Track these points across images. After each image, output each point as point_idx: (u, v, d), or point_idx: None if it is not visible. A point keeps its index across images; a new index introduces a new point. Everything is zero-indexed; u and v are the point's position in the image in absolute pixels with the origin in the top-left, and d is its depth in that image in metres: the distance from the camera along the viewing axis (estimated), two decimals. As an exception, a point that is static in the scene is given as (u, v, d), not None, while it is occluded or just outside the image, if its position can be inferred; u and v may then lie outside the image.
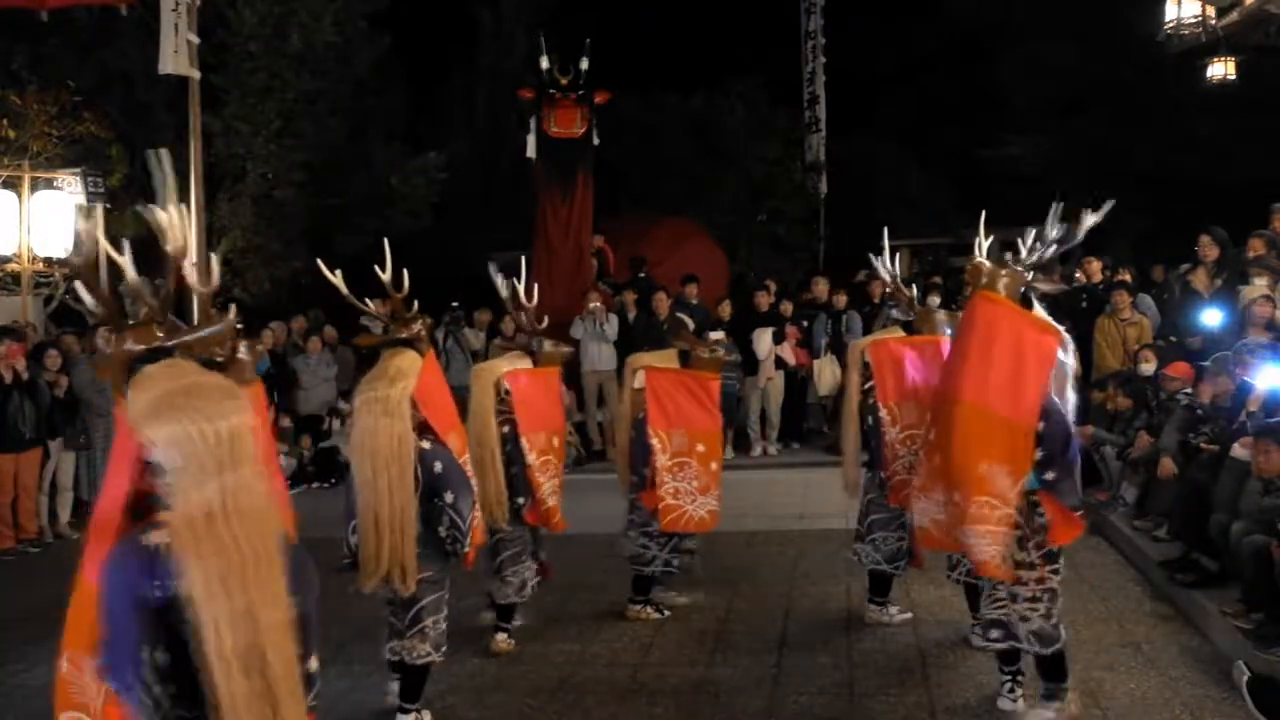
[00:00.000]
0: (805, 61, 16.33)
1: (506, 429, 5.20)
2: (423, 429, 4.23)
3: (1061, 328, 4.07)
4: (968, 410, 3.94)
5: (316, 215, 12.91)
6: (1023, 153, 16.51)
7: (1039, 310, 4.11)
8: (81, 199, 10.70)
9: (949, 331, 4.98)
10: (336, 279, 4.61)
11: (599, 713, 4.56)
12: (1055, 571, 4.03)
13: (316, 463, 9.80)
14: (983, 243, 4.51)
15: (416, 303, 4.63)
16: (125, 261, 2.56)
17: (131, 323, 2.50)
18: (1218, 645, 4.97)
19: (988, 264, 4.15)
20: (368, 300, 4.78)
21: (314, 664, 2.10)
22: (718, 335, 9.40)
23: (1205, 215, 8.97)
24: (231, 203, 12.13)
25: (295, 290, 12.28)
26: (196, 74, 8.63)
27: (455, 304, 10.25)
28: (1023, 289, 4.11)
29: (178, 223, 2.49)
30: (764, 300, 10.03)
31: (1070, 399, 4.05)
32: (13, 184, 10.42)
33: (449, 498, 4.15)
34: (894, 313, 6.20)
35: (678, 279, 10.30)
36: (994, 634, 4.10)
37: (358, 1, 13.00)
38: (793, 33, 16.52)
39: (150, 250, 2.70)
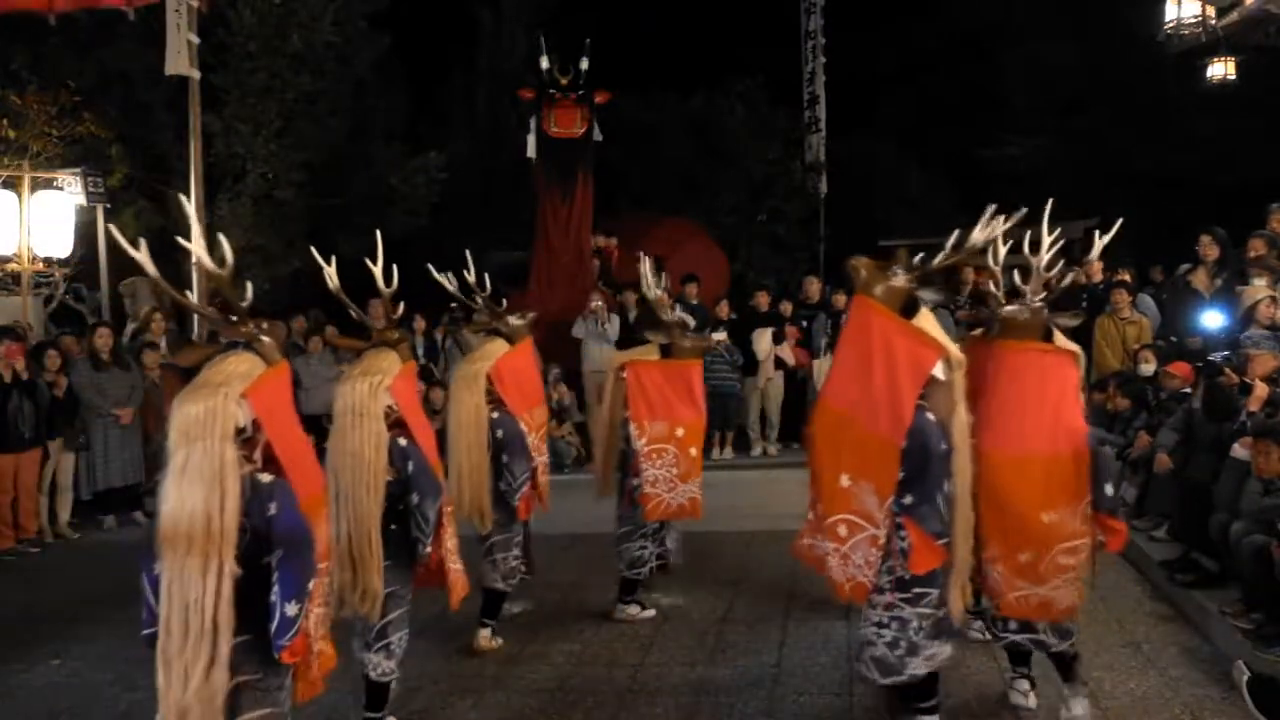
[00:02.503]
0: (805, 61, 16.31)
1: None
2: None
3: (948, 343, 3.66)
4: (829, 418, 3.75)
5: (316, 215, 12.91)
6: (1023, 153, 16.49)
7: (929, 321, 3.69)
8: (82, 199, 10.71)
9: None
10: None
11: (599, 713, 4.55)
12: (909, 601, 3.64)
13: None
14: (1041, 246, 3.95)
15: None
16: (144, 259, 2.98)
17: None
18: (1218, 645, 4.97)
19: (866, 264, 3.76)
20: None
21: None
22: (719, 336, 9.42)
23: (1205, 215, 8.97)
24: (231, 203, 12.12)
25: (295, 290, 12.27)
26: (196, 74, 8.65)
27: (454, 304, 10.23)
28: (908, 296, 3.69)
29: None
30: (764, 300, 10.03)
31: (961, 420, 3.61)
32: (12, 184, 10.42)
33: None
34: None
35: (678, 279, 10.29)
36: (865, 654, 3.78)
37: (358, 1, 13.01)
38: (793, 33, 16.50)
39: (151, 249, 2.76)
